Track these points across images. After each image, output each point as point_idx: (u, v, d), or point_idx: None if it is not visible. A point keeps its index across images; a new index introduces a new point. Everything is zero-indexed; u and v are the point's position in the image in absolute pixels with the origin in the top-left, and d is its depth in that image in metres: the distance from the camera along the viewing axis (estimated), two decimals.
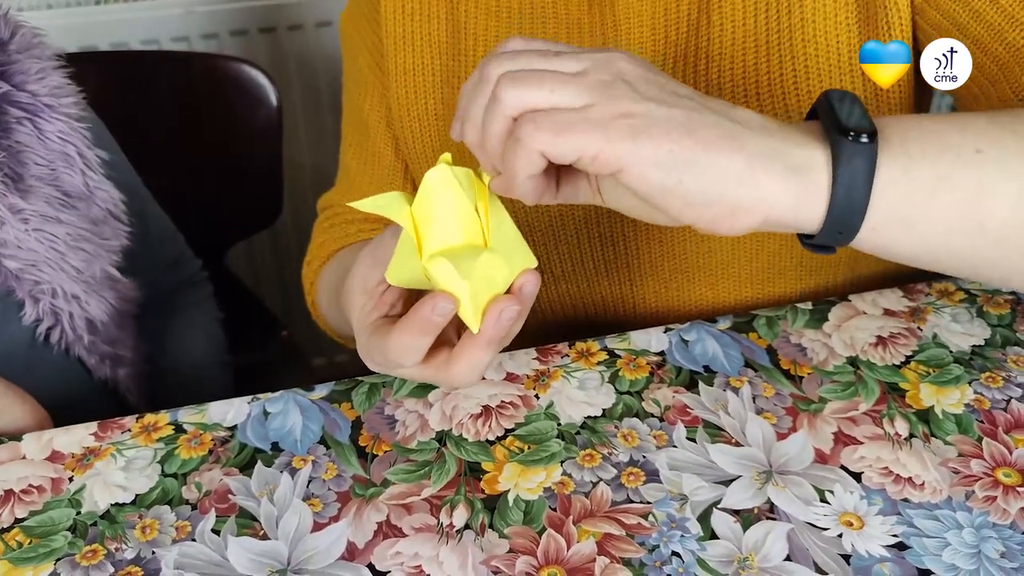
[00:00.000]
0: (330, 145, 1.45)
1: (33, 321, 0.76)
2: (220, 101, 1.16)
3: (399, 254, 0.50)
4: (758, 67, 0.65)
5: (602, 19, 0.68)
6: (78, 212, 0.77)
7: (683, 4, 0.66)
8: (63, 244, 0.75)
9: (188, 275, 0.99)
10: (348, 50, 0.81)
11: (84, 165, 0.77)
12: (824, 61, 0.64)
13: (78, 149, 0.77)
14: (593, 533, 0.55)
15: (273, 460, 0.61)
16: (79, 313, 0.78)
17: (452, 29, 0.72)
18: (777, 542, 0.53)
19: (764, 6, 0.64)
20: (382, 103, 0.77)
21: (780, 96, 0.65)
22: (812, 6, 0.63)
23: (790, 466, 0.58)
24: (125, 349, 0.85)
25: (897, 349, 0.66)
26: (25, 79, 0.74)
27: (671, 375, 0.65)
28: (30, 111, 0.74)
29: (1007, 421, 0.60)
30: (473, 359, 0.49)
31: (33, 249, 0.73)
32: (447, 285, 0.48)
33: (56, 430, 0.64)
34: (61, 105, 0.76)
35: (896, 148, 0.45)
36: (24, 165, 0.73)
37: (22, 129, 0.73)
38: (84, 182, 0.77)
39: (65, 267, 0.75)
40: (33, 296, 0.75)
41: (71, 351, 0.79)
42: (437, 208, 0.49)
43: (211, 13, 1.34)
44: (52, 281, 0.75)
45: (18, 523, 0.58)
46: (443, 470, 0.59)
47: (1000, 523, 0.54)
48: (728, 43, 0.65)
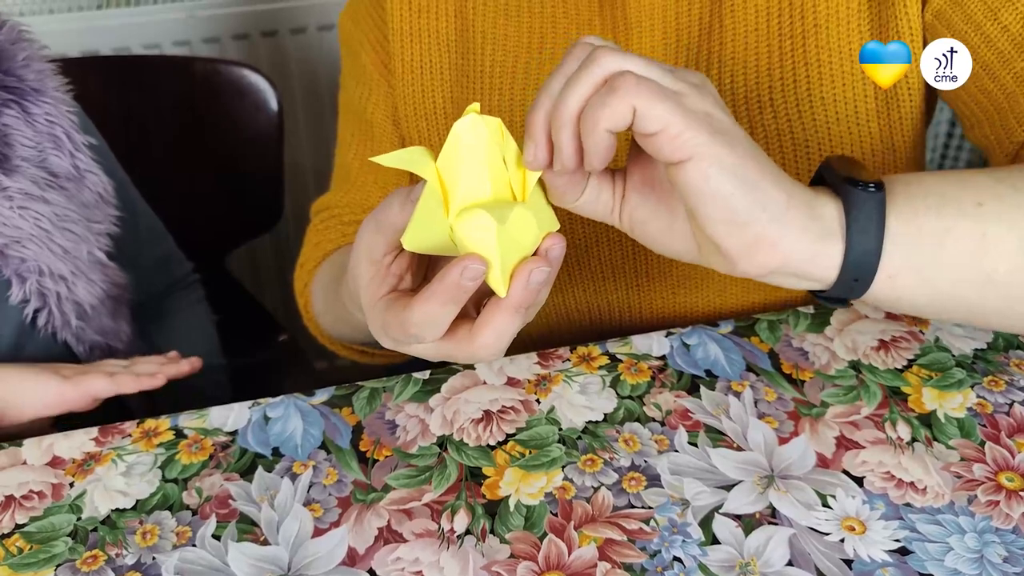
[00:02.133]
0: (331, 148, 1.45)
1: (20, 302, 0.76)
2: (221, 105, 1.16)
3: (420, 215, 0.45)
4: (771, 72, 0.65)
5: (613, 21, 0.68)
6: (67, 193, 0.78)
7: (695, 7, 0.66)
8: (49, 223, 0.75)
9: (179, 276, 0.99)
10: (348, 48, 0.80)
11: (72, 147, 0.78)
12: (837, 67, 0.64)
13: (66, 131, 0.78)
14: (594, 538, 0.54)
15: (274, 465, 0.61)
16: (67, 295, 0.78)
17: (461, 26, 0.72)
18: (779, 547, 0.53)
19: (777, 11, 0.64)
20: (387, 101, 0.76)
21: (793, 102, 0.65)
22: (825, 12, 0.63)
23: (792, 470, 0.58)
24: (117, 342, 0.85)
25: (899, 353, 0.66)
26: (12, 65, 0.75)
27: (673, 379, 0.65)
28: (17, 94, 0.75)
29: (1010, 425, 0.60)
30: (499, 326, 0.45)
31: (18, 226, 0.74)
32: (477, 242, 0.44)
33: (56, 435, 0.64)
34: (48, 89, 0.77)
35: (901, 200, 0.47)
36: (11, 147, 0.74)
37: (8, 112, 0.75)
38: (73, 164, 0.78)
39: (52, 246, 0.76)
40: (20, 275, 0.75)
41: (58, 336, 0.79)
42: (465, 161, 0.45)
43: (212, 17, 1.34)
44: (38, 259, 0.75)
45: (18, 529, 0.57)
46: (444, 475, 0.59)
47: (1003, 528, 0.54)
48: (741, 47, 0.65)
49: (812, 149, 0.65)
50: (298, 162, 1.43)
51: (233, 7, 1.34)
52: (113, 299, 0.84)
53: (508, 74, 0.71)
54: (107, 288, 0.82)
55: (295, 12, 1.36)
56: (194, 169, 1.20)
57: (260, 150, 1.18)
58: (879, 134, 0.66)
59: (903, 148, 0.67)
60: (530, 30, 0.70)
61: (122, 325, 0.86)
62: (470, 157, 0.45)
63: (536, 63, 0.70)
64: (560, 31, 0.69)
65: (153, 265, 0.95)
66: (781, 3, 0.64)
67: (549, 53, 0.70)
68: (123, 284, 0.86)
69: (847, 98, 0.65)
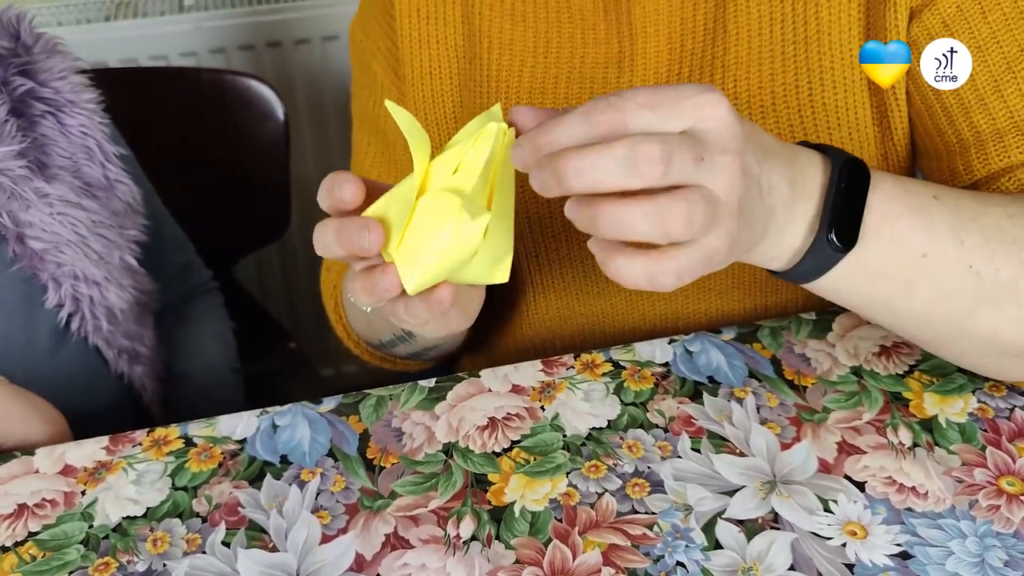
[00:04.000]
0: (337, 158, 1.46)
1: (55, 306, 0.78)
2: (227, 116, 1.17)
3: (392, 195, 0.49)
4: (774, 78, 0.66)
5: (618, 26, 0.69)
6: (99, 201, 0.81)
7: (699, 13, 0.67)
8: (85, 228, 0.78)
9: (199, 283, 1.01)
10: (358, 58, 0.81)
11: (104, 158, 0.81)
12: (839, 73, 0.65)
13: (98, 143, 0.81)
14: (598, 544, 0.55)
15: (282, 473, 0.62)
16: (99, 299, 0.80)
17: (468, 32, 0.73)
18: (781, 552, 0.54)
19: (780, 17, 0.65)
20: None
21: (795, 107, 0.66)
22: (828, 18, 0.64)
23: (794, 476, 0.58)
24: (143, 347, 0.87)
25: (901, 359, 0.66)
26: (48, 77, 0.78)
27: (676, 386, 0.65)
28: (53, 106, 0.78)
29: (1011, 430, 0.61)
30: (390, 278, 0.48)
31: (57, 232, 0.76)
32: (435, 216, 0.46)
33: (68, 444, 0.65)
34: (82, 101, 0.80)
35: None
36: (48, 156, 0.77)
37: (46, 123, 0.78)
38: (104, 174, 0.82)
39: (87, 251, 0.78)
40: (56, 279, 0.77)
41: (89, 340, 0.81)
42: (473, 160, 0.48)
43: (218, 28, 1.35)
44: (74, 264, 0.77)
45: (32, 536, 0.58)
46: (450, 482, 0.60)
47: (1004, 532, 0.54)
48: (744, 53, 0.66)
49: None
50: (304, 172, 1.44)
51: (239, 19, 1.35)
52: (141, 305, 0.86)
53: (515, 78, 0.72)
54: (136, 294, 0.85)
55: (300, 23, 1.37)
56: (201, 179, 1.21)
57: (266, 160, 1.19)
58: (875, 139, 0.67)
59: (895, 157, 0.67)
60: (535, 34, 0.71)
61: (147, 330, 0.88)
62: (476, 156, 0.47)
63: (542, 67, 0.71)
64: (565, 35, 0.70)
65: (176, 272, 0.97)
66: (784, 9, 0.65)
67: (555, 57, 0.71)
68: (150, 290, 0.88)
69: (847, 104, 0.66)
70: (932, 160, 0.66)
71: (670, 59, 0.68)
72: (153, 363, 0.89)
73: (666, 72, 0.68)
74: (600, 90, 0.70)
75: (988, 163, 0.62)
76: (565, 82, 0.71)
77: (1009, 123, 0.61)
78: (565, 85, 0.71)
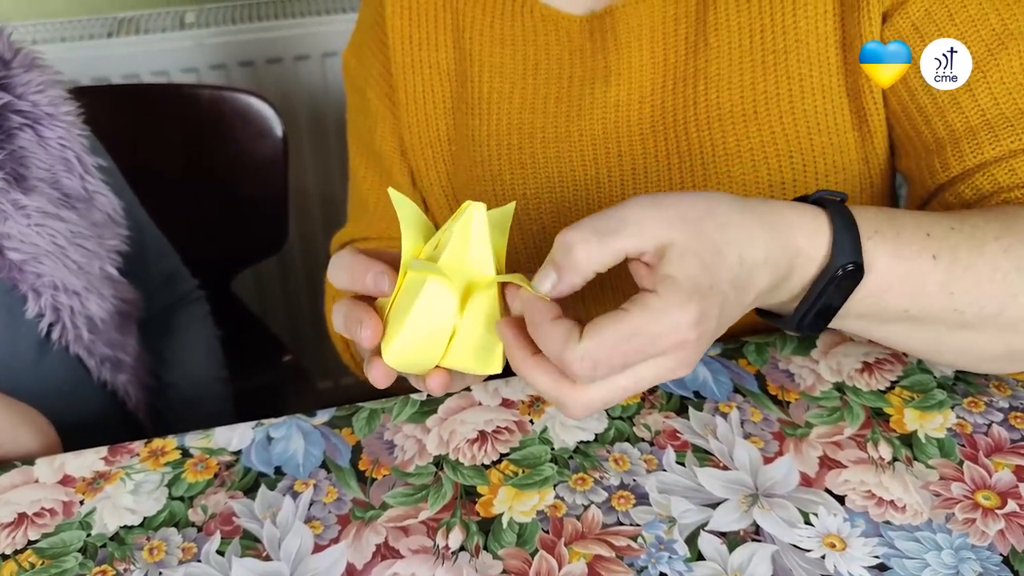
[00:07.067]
0: (336, 172, 1.48)
1: (36, 316, 0.78)
2: (226, 132, 1.19)
3: None
4: (755, 87, 0.68)
5: (604, 44, 0.70)
6: (78, 212, 0.81)
7: (681, 28, 0.69)
8: (64, 239, 0.78)
9: (184, 292, 1.02)
10: (353, 84, 0.83)
11: (83, 170, 0.82)
12: (817, 80, 0.67)
13: (77, 155, 0.81)
14: (584, 555, 0.56)
15: (276, 484, 0.63)
16: (80, 309, 0.80)
17: (459, 56, 0.75)
18: (762, 563, 0.55)
19: (759, 29, 0.67)
20: (394, 133, 0.79)
21: (776, 115, 0.68)
22: (805, 28, 0.66)
23: (776, 489, 0.60)
24: (125, 355, 0.88)
25: (883, 375, 0.68)
26: (26, 91, 0.79)
27: (662, 400, 0.67)
28: (31, 118, 0.78)
29: (988, 445, 0.62)
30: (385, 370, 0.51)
31: (35, 243, 0.76)
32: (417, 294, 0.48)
33: (67, 455, 0.66)
34: (61, 114, 0.81)
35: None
36: (27, 168, 0.78)
37: (24, 135, 0.78)
38: (83, 186, 0.82)
39: (67, 262, 0.79)
40: (35, 289, 0.77)
41: (71, 349, 0.82)
42: (460, 239, 0.49)
43: (219, 45, 1.37)
44: (54, 275, 0.78)
45: (31, 545, 0.60)
46: (440, 493, 0.61)
47: (979, 545, 0.56)
48: (725, 65, 0.68)
49: (796, 160, 0.68)
50: (303, 187, 1.46)
51: (239, 35, 1.37)
52: (122, 314, 0.87)
53: (505, 100, 0.73)
54: (117, 303, 0.85)
55: (300, 40, 1.39)
56: (200, 194, 1.23)
57: (265, 175, 1.20)
58: (856, 144, 0.68)
59: (875, 159, 0.69)
60: (524, 57, 0.73)
61: (129, 339, 0.89)
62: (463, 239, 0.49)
63: (532, 88, 0.73)
64: (553, 56, 0.72)
65: (160, 282, 0.98)
66: (763, 21, 0.67)
67: (543, 78, 0.72)
68: (132, 299, 0.88)
69: (827, 110, 0.67)
70: (911, 159, 0.68)
71: (653, 72, 0.70)
72: (137, 371, 0.90)
73: (650, 85, 0.70)
74: (588, 106, 0.71)
75: (963, 160, 0.63)
76: (555, 101, 0.72)
77: (981, 121, 0.62)
78: (555, 104, 0.72)
